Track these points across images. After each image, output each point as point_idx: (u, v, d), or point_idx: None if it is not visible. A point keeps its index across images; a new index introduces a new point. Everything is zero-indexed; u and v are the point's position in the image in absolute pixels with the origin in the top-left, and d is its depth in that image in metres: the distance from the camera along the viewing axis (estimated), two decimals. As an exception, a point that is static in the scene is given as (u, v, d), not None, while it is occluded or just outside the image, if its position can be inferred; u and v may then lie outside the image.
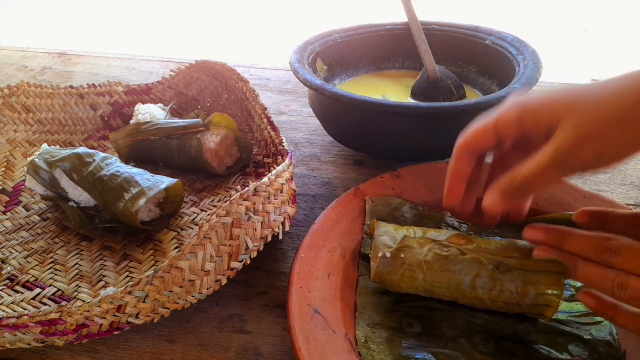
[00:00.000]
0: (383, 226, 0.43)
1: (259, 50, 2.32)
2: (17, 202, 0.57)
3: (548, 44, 2.24)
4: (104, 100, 0.68)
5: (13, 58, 0.91)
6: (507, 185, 0.36)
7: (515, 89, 0.50)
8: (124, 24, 2.70)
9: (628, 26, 2.51)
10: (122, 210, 0.49)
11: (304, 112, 0.73)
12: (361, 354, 0.37)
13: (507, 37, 0.61)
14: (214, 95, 0.68)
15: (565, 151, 0.33)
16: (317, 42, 0.64)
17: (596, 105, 0.32)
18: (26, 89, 0.65)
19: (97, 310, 0.37)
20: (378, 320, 0.40)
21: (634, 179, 0.58)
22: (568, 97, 0.34)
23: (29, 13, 2.90)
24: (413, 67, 0.70)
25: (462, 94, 0.63)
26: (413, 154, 0.56)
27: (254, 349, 0.41)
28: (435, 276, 0.38)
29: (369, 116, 0.53)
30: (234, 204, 0.39)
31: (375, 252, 0.41)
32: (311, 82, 0.53)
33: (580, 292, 0.36)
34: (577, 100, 0.33)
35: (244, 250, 0.40)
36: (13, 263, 0.49)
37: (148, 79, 0.82)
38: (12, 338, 0.38)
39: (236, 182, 0.58)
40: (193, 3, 2.97)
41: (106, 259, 0.49)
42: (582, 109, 0.33)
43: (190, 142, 0.57)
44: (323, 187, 0.59)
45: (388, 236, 0.41)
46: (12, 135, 0.64)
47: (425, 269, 0.38)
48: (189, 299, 0.39)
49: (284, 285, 0.46)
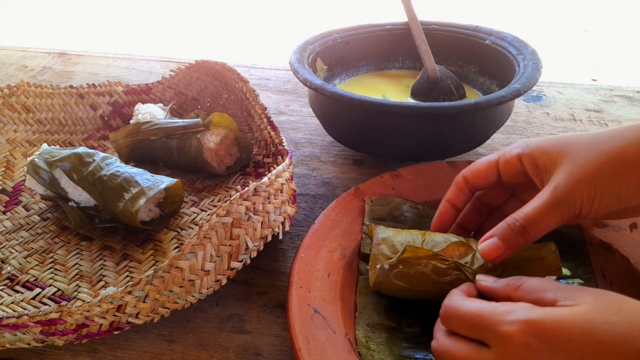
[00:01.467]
0: (382, 232, 0.42)
1: (259, 50, 2.32)
2: (17, 202, 0.57)
3: (548, 44, 2.24)
4: (104, 100, 0.67)
5: (13, 58, 0.91)
6: (507, 230, 0.35)
7: (515, 88, 0.50)
8: (124, 24, 2.70)
9: (628, 26, 2.51)
10: (122, 210, 0.49)
11: (304, 112, 0.73)
12: (361, 354, 0.37)
13: (507, 37, 0.61)
14: (214, 95, 0.68)
15: (561, 193, 0.34)
16: (317, 42, 0.64)
17: (589, 153, 0.34)
18: (26, 89, 0.65)
19: (97, 310, 0.37)
20: (378, 320, 0.40)
21: (634, 179, 0.58)
22: (565, 143, 0.36)
23: (29, 13, 2.90)
24: (413, 67, 0.70)
25: (462, 94, 0.63)
26: (413, 154, 0.56)
27: (254, 349, 0.41)
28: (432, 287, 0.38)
29: (369, 116, 0.53)
30: (234, 204, 0.39)
31: (374, 263, 0.40)
32: (311, 82, 0.53)
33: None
34: (574, 146, 0.35)
35: (244, 250, 0.40)
36: (13, 263, 0.49)
37: (148, 79, 0.82)
38: (12, 338, 0.38)
39: (236, 182, 0.58)
40: (193, 3, 2.97)
41: (106, 259, 0.49)
42: (576, 154, 0.34)
43: (190, 142, 0.57)
44: (323, 187, 0.59)
45: (386, 245, 0.41)
46: (12, 135, 0.64)
47: (424, 279, 0.38)
48: (189, 299, 0.39)
49: (284, 285, 0.46)
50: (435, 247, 0.39)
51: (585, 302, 0.28)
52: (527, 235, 0.34)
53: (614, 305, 0.28)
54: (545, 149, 0.37)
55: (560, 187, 0.34)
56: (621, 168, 0.33)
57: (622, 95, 0.75)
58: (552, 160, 0.36)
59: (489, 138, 0.58)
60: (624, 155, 0.33)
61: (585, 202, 0.34)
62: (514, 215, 0.35)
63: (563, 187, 0.34)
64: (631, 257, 0.42)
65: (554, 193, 0.34)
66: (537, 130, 0.67)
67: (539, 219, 0.34)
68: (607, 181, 0.33)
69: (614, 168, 0.33)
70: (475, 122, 0.53)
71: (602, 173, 0.33)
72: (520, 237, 0.35)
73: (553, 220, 0.34)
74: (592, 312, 0.28)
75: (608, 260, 0.43)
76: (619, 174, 0.33)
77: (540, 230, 0.35)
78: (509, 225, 0.35)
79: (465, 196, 0.42)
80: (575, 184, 0.34)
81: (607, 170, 0.33)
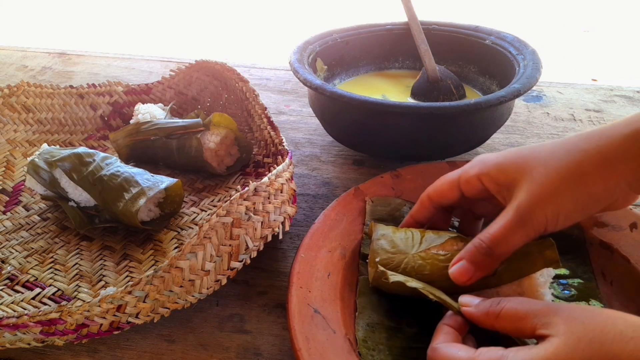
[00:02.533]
0: (381, 229, 0.43)
1: (259, 50, 2.32)
2: (17, 202, 0.57)
3: (548, 44, 2.24)
4: (104, 100, 0.68)
5: (13, 58, 0.91)
6: (474, 252, 0.35)
7: (515, 88, 0.50)
8: (124, 24, 2.70)
9: (628, 26, 2.51)
10: (122, 210, 0.49)
11: (304, 112, 0.73)
12: (361, 354, 0.37)
13: (507, 37, 0.61)
14: (214, 95, 0.68)
15: (524, 212, 0.34)
16: (317, 42, 0.64)
17: (548, 170, 0.34)
18: (26, 89, 0.65)
19: (97, 310, 0.37)
20: (378, 320, 0.40)
21: (634, 179, 0.58)
22: (523, 160, 0.36)
23: (29, 13, 2.90)
24: (413, 67, 0.70)
25: (462, 94, 0.63)
26: (413, 154, 0.56)
27: (254, 349, 0.41)
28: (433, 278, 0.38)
29: (369, 116, 0.53)
30: (234, 204, 0.39)
31: (373, 257, 0.40)
32: (311, 82, 0.53)
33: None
34: (531, 162, 0.35)
35: (244, 250, 0.40)
36: (13, 263, 0.49)
37: (148, 79, 0.82)
38: (12, 338, 0.38)
39: (236, 182, 0.58)
40: (193, 3, 2.97)
41: (106, 258, 0.49)
42: (536, 171, 0.35)
43: (190, 142, 0.57)
44: (323, 187, 0.59)
45: (386, 240, 0.41)
46: (12, 135, 0.64)
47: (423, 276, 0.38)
48: (189, 299, 0.39)
49: (284, 285, 0.46)
50: (434, 243, 0.39)
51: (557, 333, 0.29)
52: (494, 255, 0.35)
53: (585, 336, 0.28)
54: (503, 168, 0.37)
55: (523, 206, 0.34)
56: (581, 182, 0.34)
57: (622, 95, 0.75)
58: (512, 179, 0.36)
59: (489, 138, 0.58)
60: (582, 169, 0.34)
61: (549, 219, 0.34)
62: (480, 236, 0.35)
63: (526, 206, 0.34)
64: (631, 257, 0.42)
65: (517, 212, 0.34)
66: (537, 130, 0.67)
67: (504, 239, 0.34)
68: (569, 197, 0.34)
69: (574, 183, 0.34)
70: (475, 122, 0.53)
71: (562, 190, 0.34)
72: (487, 258, 0.35)
73: (519, 239, 0.34)
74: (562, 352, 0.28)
75: (608, 260, 0.43)
76: (579, 187, 0.34)
77: (507, 249, 0.35)
78: (475, 247, 0.35)
79: (429, 213, 0.42)
80: (537, 202, 0.34)
81: (567, 187, 0.34)
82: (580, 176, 0.34)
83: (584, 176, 0.34)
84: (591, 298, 0.41)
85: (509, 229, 0.34)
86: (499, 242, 0.34)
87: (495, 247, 0.34)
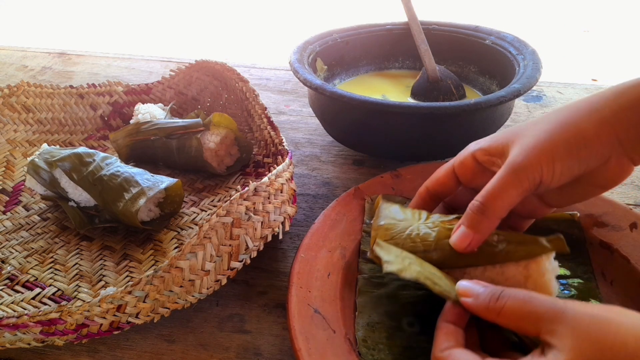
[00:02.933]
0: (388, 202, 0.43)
1: (259, 50, 2.32)
2: (17, 202, 0.57)
3: (548, 44, 2.24)
4: (104, 100, 0.68)
5: (13, 58, 0.91)
6: (470, 214, 0.35)
7: (515, 88, 0.50)
8: (124, 24, 2.70)
9: (628, 26, 2.51)
10: (122, 210, 0.49)
11: (304, 112, 0.73)
12: (361, 353, 0.37)
13: (507, 37, 0.61)
14: (214, 95, 0.68)
15: (517, 163, 0.34)
16: (317, 42, 0.64)
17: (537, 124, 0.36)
18: (26, 89, 0.65)
19: (97, 310, 0.37)
20: (378, 320, 0.40)
21: (634, 179, 0.58)
22: (516, 129, 0.37)
23: (29, 13, 2.90)
24: (413, 67, 0.70)
25: (462, 94, 0.63)
26: (413, 154, 0.56)
27: (254, 349, 0.41)
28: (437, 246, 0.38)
29: (369, 116, 0.53)
30: (234, 204, 0.39)
31: (377, 221, 0.40)
32: (311, 82, 0.53)
33: None
34: (522, 128, 0.36)
35: (244, 250, 0.40)
36: (13, 263, 0.49)
37: (148, 79, 0.82)
38: (12, 338, 0.38)
39: (236, 182, 0.58)
40: (193, 3, 2.97)
41: (106, 258, 0.49)
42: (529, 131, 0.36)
43: (190, 142, 0.57)
44: (323, 187, 0.59)
45: (393, 210, 0.42)
46: (12, 135, 0.64)
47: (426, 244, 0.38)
48: (189, 299, 0.39)
49: (284, 285, 0.46)
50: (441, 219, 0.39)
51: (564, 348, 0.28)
52: (488, 211, 0.34)
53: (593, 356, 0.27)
54: (496, 139, 0.37)
55: (516, 158, 0.34)
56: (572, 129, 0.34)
57: (622, 95, 0.75)
58: (504, 145, 0.36)
59: (489, 138, 0.58)
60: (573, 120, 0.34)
61: (544, 167, 0.33)
62: (475, 198, 0.35)
63: (519, 157, 0.34)
64: (631, 257, 0.42)
65: (509, 165, 0.34)
66: (537, 130, 0.67)
67: (498, 194, 0.34)
68: (563, 144, 0.33)
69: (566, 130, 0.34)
70: (475, 122, 0.53)
71: (555, 137, 0.34)
72: (482, 217, 0.34)
73: (514, 192, 0.34)
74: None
75: (608, 260, 0.43)
76: (572, 134, 0.34)
77: (502, 205, 0.34)
78: (470, 209, 0.35)
79: (429, 206, 0.42)
80: (531, 152, 0.34)
81: (559, 135, 0.34)
82: (572, 125, 0.34)
83: (575, 125, 0.34)
84: (591, 298, 0.41)
85: (502, 182, 0.34)
86: (494, 198, 0.34)
87: (489, 203, 0.34)
